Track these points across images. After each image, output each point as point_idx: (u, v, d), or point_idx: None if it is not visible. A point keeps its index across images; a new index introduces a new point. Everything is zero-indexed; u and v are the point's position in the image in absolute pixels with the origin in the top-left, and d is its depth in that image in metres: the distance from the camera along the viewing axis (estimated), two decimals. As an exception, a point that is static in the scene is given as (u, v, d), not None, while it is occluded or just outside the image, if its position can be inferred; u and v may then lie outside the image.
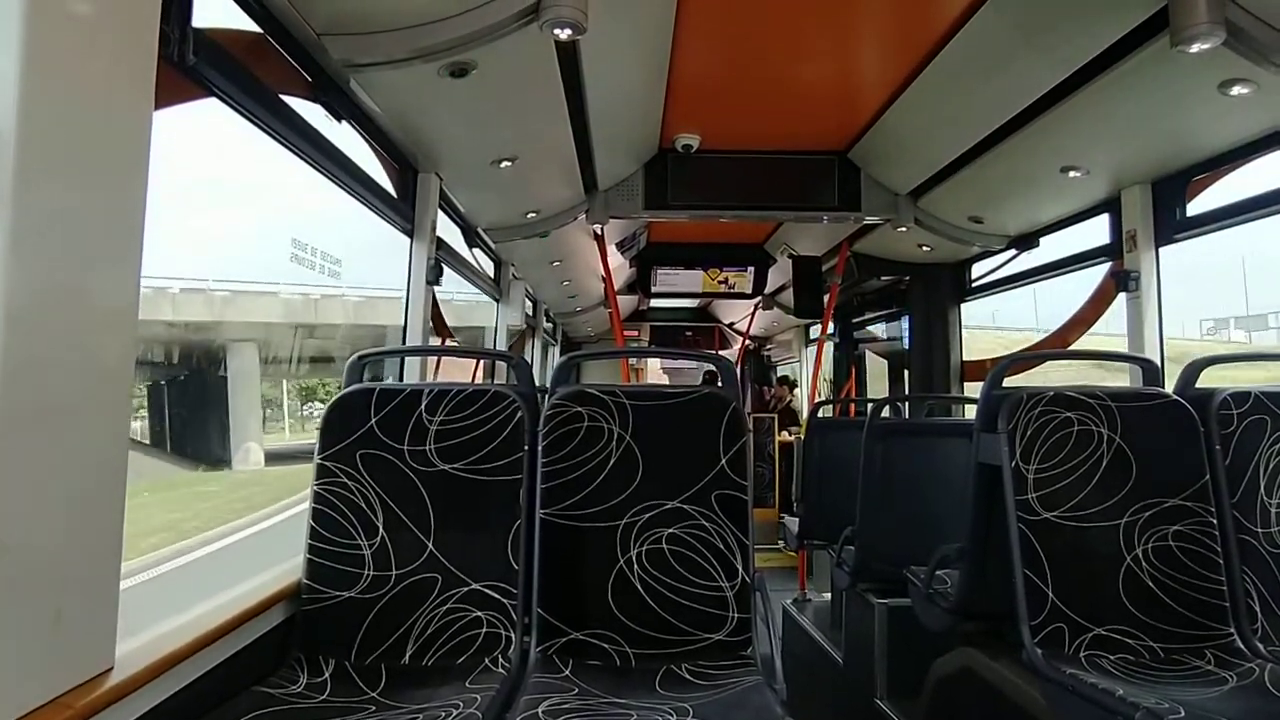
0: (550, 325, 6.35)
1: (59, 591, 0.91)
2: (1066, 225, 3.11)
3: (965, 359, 4.07)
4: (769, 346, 8.77)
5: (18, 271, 0.83)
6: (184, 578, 7.69)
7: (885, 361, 5.33)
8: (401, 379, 2.36)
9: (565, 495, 1.56)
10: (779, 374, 8.57)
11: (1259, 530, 1.61)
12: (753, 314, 6.79)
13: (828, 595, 3.34)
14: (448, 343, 2.95)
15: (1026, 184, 2.78)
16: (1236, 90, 1.80)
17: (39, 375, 0.87)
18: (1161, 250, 2.54)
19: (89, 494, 0.96)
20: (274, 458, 18.08)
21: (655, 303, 7.26)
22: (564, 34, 1.60)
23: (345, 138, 1.92)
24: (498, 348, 4.07)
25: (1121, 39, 1.80)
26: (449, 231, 2.89)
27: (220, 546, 9.56)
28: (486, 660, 1.46)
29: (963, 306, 4.08)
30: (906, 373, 4.43)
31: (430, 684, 1.38)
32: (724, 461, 1.58)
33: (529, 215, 3.19)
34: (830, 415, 4.63)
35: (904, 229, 3.33)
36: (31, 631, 0.88)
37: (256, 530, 10.46)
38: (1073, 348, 3.09)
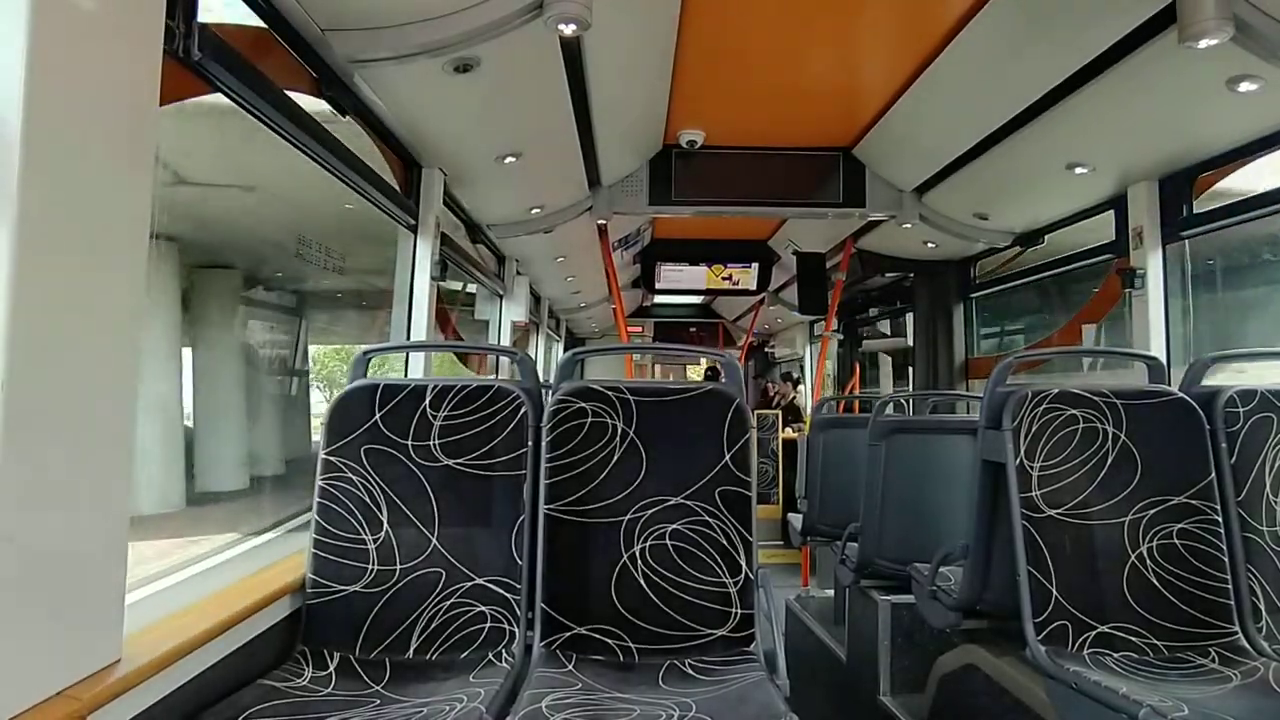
0: (554, 321, 6.35)
1: (66, 585, 0.92)
2: (1072, 222, 3.10)
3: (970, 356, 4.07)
4: (772, 343, 8.78)
5: (23, 267, 0.83)
6: None
7: (889, 358, 5.32)
8: (406, 374, 2.37)
9: (569, 490, 1.56)
10: (782, 370, 8.57)
11: (1264, 528, 1.60)
12: (756, 310, 6.78)
13: (831, 591, 3.33)
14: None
15: (1032, 180, 2.77)
16: (1244, 86, 1.79)
17: (45, 370, 0.87)
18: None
19: (94, 488, 0.97)
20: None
21: (659, 299, 7.27)
22: (568, 30, 1.60)
23: (349, 133, 1.92)
24: (501, 343, 4.07)
25: (1128, 35, 1.79)
26: (452, 227, 2.89)
27: None
28: (490, 655, 1.46)
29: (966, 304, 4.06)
30: (911, 370, 4.42)
31: (434, 678, 1.39)
32: (727, 458, 1.58)
33: (533, 211, 3.19)
34: (834, 412, 4.63)
35: (908, 226, 3.32)
36: (39, 624, 0.89)
37: None
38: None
